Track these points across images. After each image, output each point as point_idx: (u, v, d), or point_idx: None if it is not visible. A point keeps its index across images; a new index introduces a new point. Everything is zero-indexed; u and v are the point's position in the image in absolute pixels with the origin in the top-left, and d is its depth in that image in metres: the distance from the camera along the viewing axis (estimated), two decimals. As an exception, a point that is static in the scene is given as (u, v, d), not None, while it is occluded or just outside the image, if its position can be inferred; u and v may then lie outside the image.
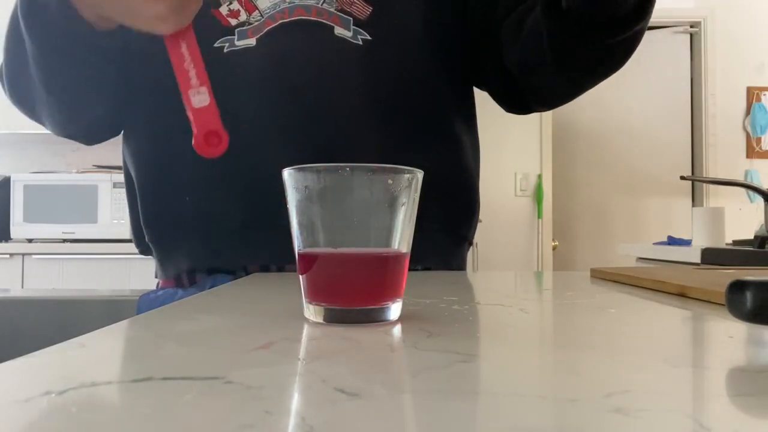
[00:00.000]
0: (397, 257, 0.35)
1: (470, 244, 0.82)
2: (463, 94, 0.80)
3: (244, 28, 0.69)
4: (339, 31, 0.69)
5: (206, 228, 0.70)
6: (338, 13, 0.69)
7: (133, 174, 0.75)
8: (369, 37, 0.69)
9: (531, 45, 0.67)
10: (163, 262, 0.76)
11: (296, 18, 0.69)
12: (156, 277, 0.79)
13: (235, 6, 0.69)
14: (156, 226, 0.73)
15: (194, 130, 0.51)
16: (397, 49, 0.71)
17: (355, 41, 0.69)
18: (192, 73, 0.51)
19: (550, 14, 0.61)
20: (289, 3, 0.69)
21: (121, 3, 0.53)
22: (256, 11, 0.69)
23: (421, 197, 0.36)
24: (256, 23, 0.69)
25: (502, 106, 0.82)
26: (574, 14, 0.59)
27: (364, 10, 0.70)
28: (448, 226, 0.76)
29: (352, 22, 0.69)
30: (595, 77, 0.69)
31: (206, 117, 0.51)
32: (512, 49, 0.71)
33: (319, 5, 0.69)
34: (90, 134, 0.77)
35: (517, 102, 0.80)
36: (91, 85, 0.68)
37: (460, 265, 0.81)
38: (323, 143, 0.68)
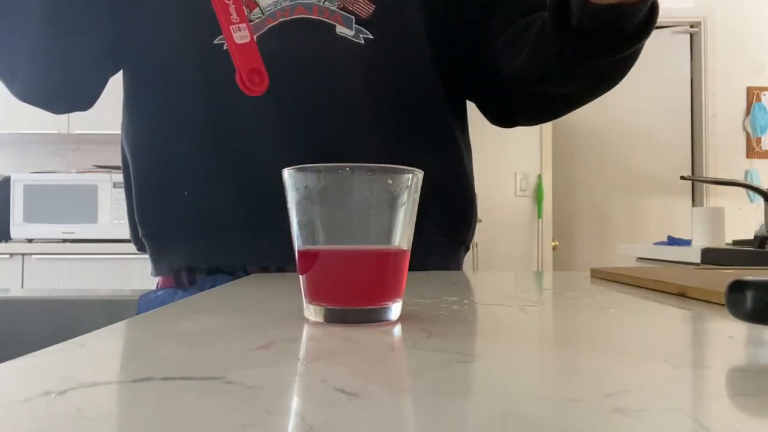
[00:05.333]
0: (397, 254, 0.35)
1: (467, 249, 0.83)
2: (458, 97, 0.80)
3: None
4: (340, 30, 0.69)
5: (205, 225, 0.70)
6: (340, 11, 0.69)
7: (130, 164, 0.75)
8: (371, 36, 0.69)
9: (539, 57, 0.67)
10: (157, 259, 0.75)
11: (297, 16, 0.69)
12: (152, 275, 0.79)
13: None
14: (152, 220, 0.73)
15: (237, 66, 0.50)
16: (398, 49, 0.71)
17: (357, 40, 0.69)
18: (232, 8, 0.50)
19: (560, 29, 0.62)
20: (291, 1, 0.69)
21: None
22: (257, 8, 0.69)
23: (421, 201, 0.36)
24: (257, 21, 0.68)
25: (487, 118, 0.83)
26: (585, 30, 0.60)
27: (367, 9, 0.69)
28: (447, 229, 0.76)
29: (354, 20, 0.69)
30: (595, 92, 0.71)
31: (248, 54, 0.50)
32: (513, 60, 0.71)
33: (321, 3, 0.69)
34: (63, 94, 0.74)
35: (502, 115, 0.81)
36: (86, 24, 0.68)
37: (457, 268, 0.81)
38: (324, 142, 0.68)
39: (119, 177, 2.42)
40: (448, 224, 0.76)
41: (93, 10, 0.68)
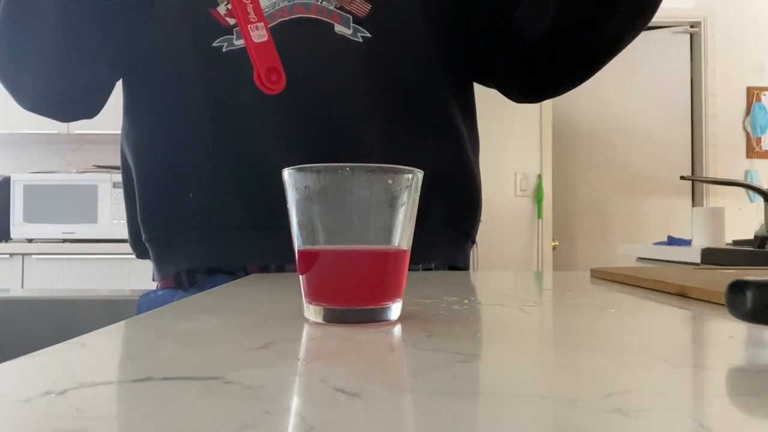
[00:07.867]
0: (397, 254, 0.35)
1: (473, 241, 0.82)
2: (463, 89, 0.80)
3: None
4: (339, 29, 0.69)
5: (208, 226, 0.70)
6: (338, 11, 0.69)
7: (133, 169, 0.75)
8: (369, 35, 0.69)
9: (571, 5, 0.67)
10: (161, 262, 0.75)
11: (295, 16, 0.69)
12: (154, 280, 0.79)
13: None
14: (156, 222, 0.73)
15: (255, 65, 0.51)
16: (397, 46, 0.72)
17: (355, 39, 0.69)
18: (250, 7, 0.51)
19: None
20: (289, 1, 0.69)
21: None
22: None
23: (425, 194, 0.36)
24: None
25: (514, 98, 0.82)
26: None
27: (364, 8, 0.70)
28: (452, 222, 0.76)
29: (351, 19, 0.69)
30: (633, 30, 0.69)
31: (266, 52, 0.51)
32: (542, 20, 0.70)
33: (319, 3, 0.69)
34: (71, 103, 0.75)
35: (532, 88, 0.80)
36: (99, 34, 0.69)
37: (464, 263, 0.81)
38: (325, 141, 0.68)
39: (119, 177, 2.42)
40: (452, 216, 0.76)
41: (106, 21, 0.68)
